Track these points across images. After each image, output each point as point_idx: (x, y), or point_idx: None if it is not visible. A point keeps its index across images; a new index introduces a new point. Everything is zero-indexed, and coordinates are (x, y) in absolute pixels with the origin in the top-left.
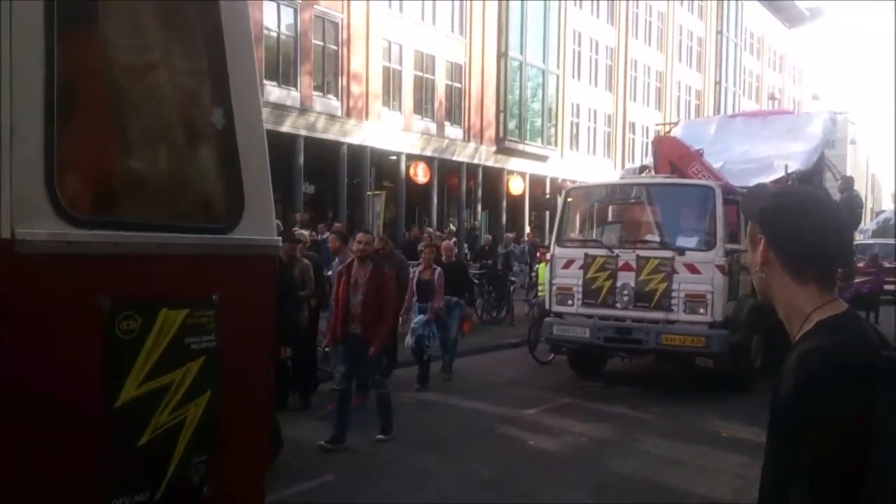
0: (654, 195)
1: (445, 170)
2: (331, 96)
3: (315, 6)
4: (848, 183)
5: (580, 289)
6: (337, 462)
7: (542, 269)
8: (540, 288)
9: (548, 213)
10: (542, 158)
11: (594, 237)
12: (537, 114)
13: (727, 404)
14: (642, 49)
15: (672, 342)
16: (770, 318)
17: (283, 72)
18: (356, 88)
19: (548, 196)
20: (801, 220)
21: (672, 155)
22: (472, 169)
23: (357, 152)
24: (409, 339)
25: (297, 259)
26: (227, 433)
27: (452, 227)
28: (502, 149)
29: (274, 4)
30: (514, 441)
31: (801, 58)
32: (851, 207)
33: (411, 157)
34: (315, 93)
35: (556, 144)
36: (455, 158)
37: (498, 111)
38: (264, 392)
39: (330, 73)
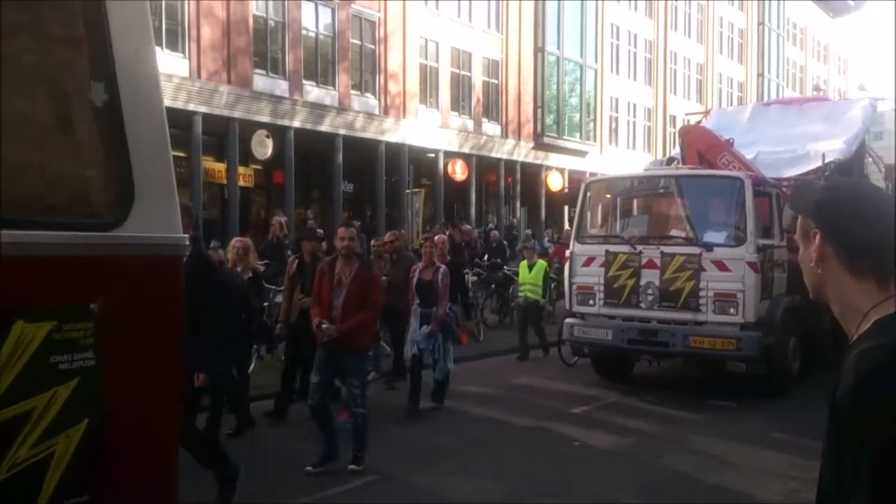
0: (680, 188)
1: (483, 167)
2: (368, 95)
3: (352, 5)
4: (893, 173)
5: (601, 288)
6: (381, 461)
7: (523, 267)
8: (521, 289)
9: (566, 207)
10: (581, 154)
11: (616, 233)
12: (575, 109)
13: (774, 405)
14: (682, 41)
15: (700, 345)
16: (808, 319)
17: (322, 71)
18: (393, 87)
19: (566, 190)
20: (860, 213)
21: (700, 145)
22: (510, 165)
23: (395, 150)
24: (408, 351)
25: (319, 259)
26: (115, 471)
27: (491, 225)
28: (540, 145)
29: (311, 5)
30: (558, 441)
31: (845, 48)
32: None
33: (449, 155)
34: (353, 92)
35: (594, 139)
36: (493, 155)
37: (535, 107)
38: (168, 421)
39: (367, 72)
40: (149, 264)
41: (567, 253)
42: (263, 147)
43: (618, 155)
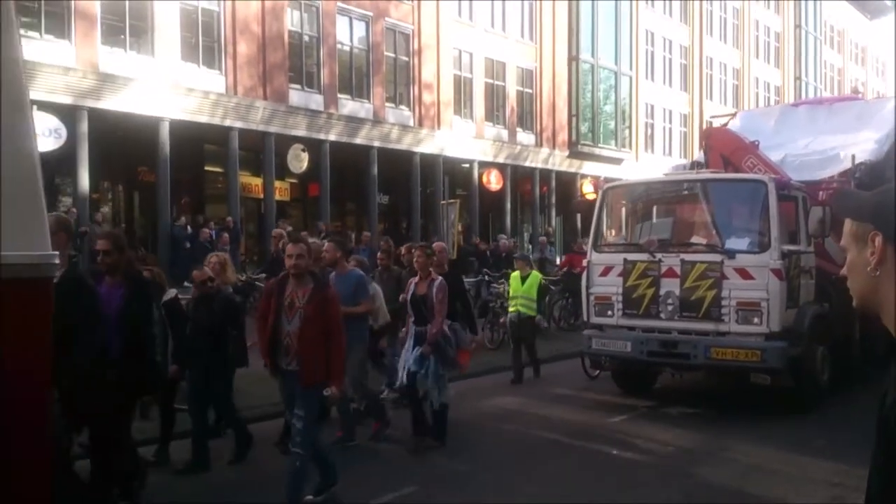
0: (701, 193)
1: (518, 176)
2: (403, 107)
3: (386, 18)
4: None
5: (620, 298)
6: (418, 474)
7: (514, 278)
8: (512, 303)
9: (578, 216)
10: (617, 161)
11: (634, 241)
12: (610, 116)
13: (809, 415)
14: (717, 46)
15: (723, 356)
16: (838, 328)
17: (357, 85)
18: (428, 98)
19: (580, 197)
20: None
21: (724, 148)
22: (545, 174)
23: (430, 161)
24: (401, 377)
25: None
26: None
27: (543, 238)
28: (575, 153)
29: (346, 19)
30: (596, 452)
31: (884, 50)
32: None
33: (484, 165)
34: (388, 104)
35: (630, 147)
36: (528, 164)
37: (570, 115)
38: (35, 440)
39: (402, 84)
40: (9, 284)
41: (584, 262)
42: (299, 161)
43: (654, 162)
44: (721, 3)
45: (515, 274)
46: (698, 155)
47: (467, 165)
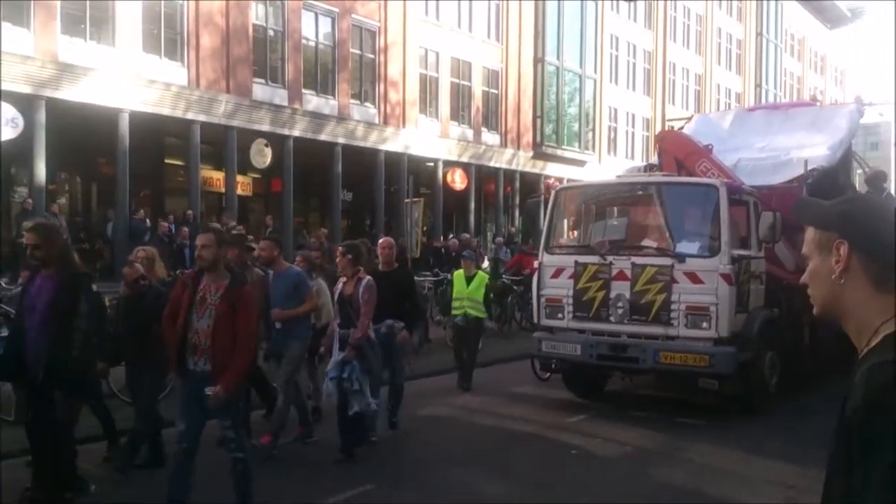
0: (652, 196)
1: (483, 176)
2: (368, 104)
3: (352, 15)
4: (879, 178)
5: (571, 300)
6: (376, 471)
7: (459, 278)
8: (455, 304)
9: (528, 216)
10: (580, 163)
11: (586, 243)
12: (574, 118)
13: (762, 418)
14: (681, 52)
15: (672, 361)
16: (788, 333)
17: (321, 81)
18: (393, 96)
19: (532, 198)
20: (885, 224)
21: (677, 152)
22: (509, 174)
23: (394, 159)
24: (327, 387)
25: (249, 268)
26: None
27: (500, 238)
28: (539, 154)
29: (312, 14)
30: (555, 451)
31: (843, 59)
32: None
33: (448, 164)
34: (353, 101)
35: (593, 149)
36: (492, 164)
37: (535, 116)
38: None
39: (367, 82)
40: None
41: (534, 263)
42: (262, 156)
43: (617, 164)
44: (685, 10)
45: (459, 273)
46: (653, 158)
47: (432, 164)
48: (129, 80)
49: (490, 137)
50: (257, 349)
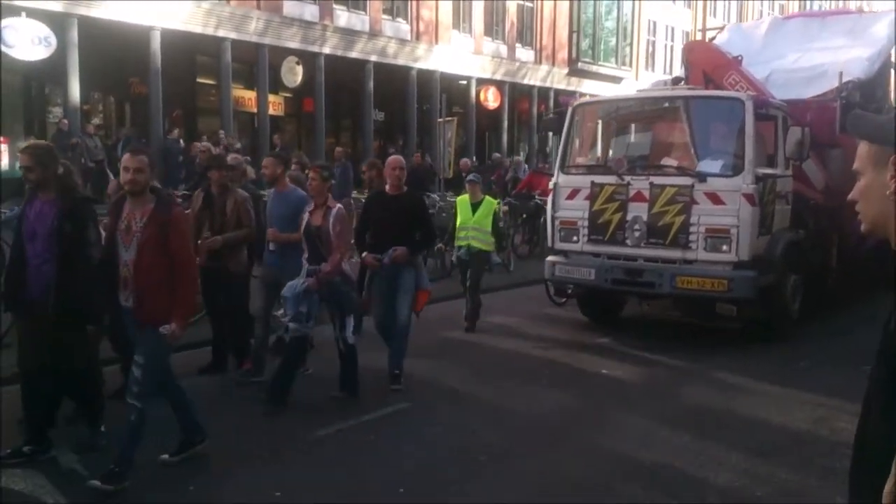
0: (673, 111)
1: (516, 94)
2: (400, 20)
3: None
4: None
5: (586, 223)
6: (412, 391)
7: (463, 204)
8: (460, 234)
9: (551, 134)
10: (617, 80)
11: (603, 162)
12: (612, 33)
13: (794, 338)
14: None
15: (689, 285)
16: (814, 255)
17: None
18: (426, 12)
19: (550, 114)
20: None
21: (705, 64)
22: (543, 93)
23: (427, 77)
24: (283, 315)
25: (230, 190)
26: None
27: (518, 157)
28: (575, 71)
29: None
30: (582, 371)
31: None
32: None
33: (481, 82)
34: (384, 16)
35: (630, 65)
36: (526, 82)
37: (571, 31)
38: None
39: None
40: None
41: (549, 184)
42: (294, 74)
43: (655, 81)
44: None
45: (463, 199)
46: (680, 71)
47: (465, 82)
48: None
49: (524, 54)
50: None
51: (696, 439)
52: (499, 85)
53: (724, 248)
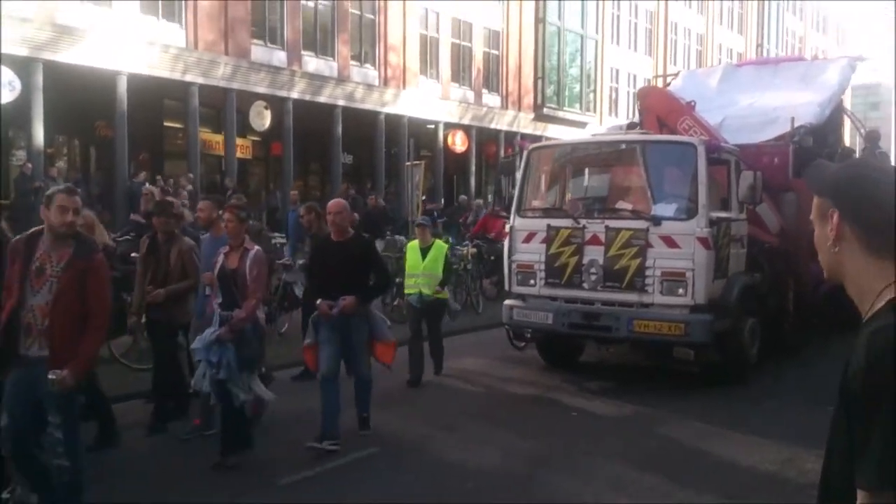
0: (628, 155)
1: (483, 138)
2: (368, 66)
3: None
4: (873, 137)
5: (543, 266)
6: (379, 436)
7: (412, 249)
8: (409, 282)
9: (503, 177)
10: (581, 125)
11: (558, 205)
12: (576, 80)
13: (758, 383)
14: (683, 11)
15: (646, 329)
16: (770, 299)
17: (321, 42)
18: (394, 57)
19: (504, 157)
20: (877, 190)
21: (659, 109)
22: (510, 137)
23: (395, 122)
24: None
25: (176, 238)
26: None
27: (479, 200)
28: (540, 116)
29: None
30: (554, 413)
31: (845, 18)
32: None
33: (449, 126)
34: (353, 62)
35: (594, 110)
36: (493, 126)
37: (536, 78)
38: None
39: (367, 43)
40: None
41: (505, 227)
42: (261, 118)
43: (611, 125)
44: None
45: (413, 245)
46: (636, 116)
47: (432, 127)
48: (127, 41)
49: (491, 99)
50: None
51: (665, 482)
52: (466, 129)
53: (680, 291)
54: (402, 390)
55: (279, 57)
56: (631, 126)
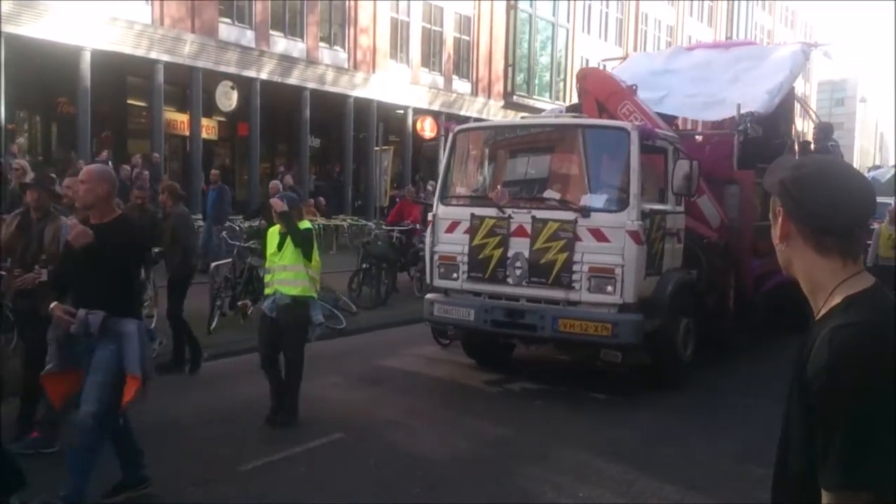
0: (560, 140)
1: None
2: (338, 48)
3: None
4: (826, 131)
5: (466, 259)
6: (346, 420)
7: (270, 236)
8: (266, 279)
9: (425, 162)
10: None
11: (484, 193)
12: (546, 68)
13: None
14: (654, 2)
15: (571, 329)
16: (709, 297)
17: (290, 22)
18: (364, 40)
19: (429, 141)
20: (820, 190)
21: (599, 93)
22: None
23: (364, 106)
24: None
25: (52, 216)
26: None
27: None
28: (510, 103)
29: None
30: (519, 402)
31: (812, 14)
32: None
33: (418, 112)
34: (322, 44)
35: (564, 99)
36: (463, 113)
37: (507, 65)
38: None
39: (337, 24)
40: None
41: (429, 216)
42: (228, 98)
43: (552, 108)
44: None
45: (273, 230)
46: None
47: (402, 112)
48: (91, 16)
49: (461, 85)
50: None
51: (628, 471)
52: (435, 115)
53: (609, 288)
54: (370, 373)
55: (247, 36)
56: (572, 109)
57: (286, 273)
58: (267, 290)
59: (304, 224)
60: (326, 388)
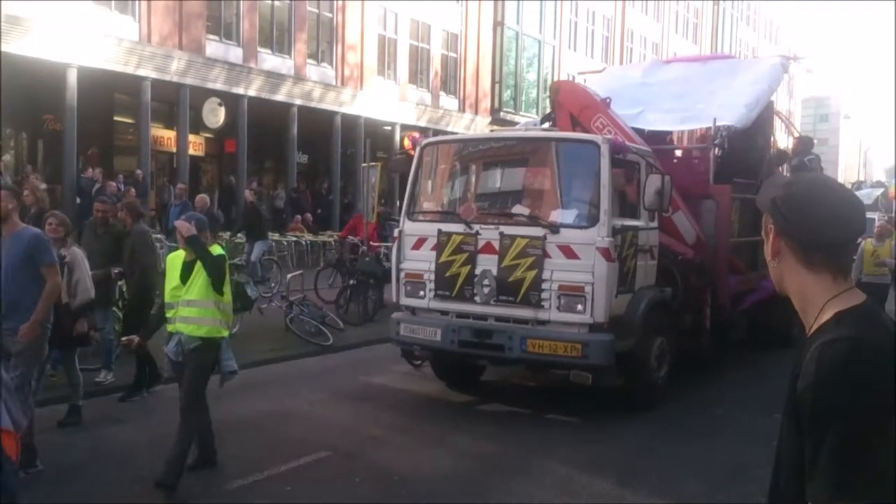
0: (529, 155)
1: None
2: (325, 65)
3: None
4: (805, 144)
5: (433, 276)
6: (333, 438)
7: (171, 264)
8: (168, 314)
9: (389, 176)
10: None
11: (451, 208)
12: (533, 85)
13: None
14: (640, 19)
15: (540, 350)
16: (683, 315)
17: (278, 39)
18: (352, 57)
19: (397, 155)
20: (810, 207)
21: (572, 105)
22: None
23: (351, 122)
24: None
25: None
26: None
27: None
28: (497, 120)
29: None
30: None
31: (797, 30)
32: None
33: (406, 128)
34: (310, 61)
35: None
36: (450, 129)
37: (493, 82)
38: None
39: (325, 42)
40: None
41: (395, 232)
42: (215, 115)
43: (525, 122)
44: None
45: (176, 255)
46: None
47: (389, 128)
48: (79, 33)
49: (448, 102)
50: None
51: (615, 487)
52: (423, 131)
53: (579, 307)
54: (357, 389)
55: (235, 53)
56: (546, 119)
57: (191, 309)
58: (169, 328)
59: (216, 250)
60: (313, 404)
